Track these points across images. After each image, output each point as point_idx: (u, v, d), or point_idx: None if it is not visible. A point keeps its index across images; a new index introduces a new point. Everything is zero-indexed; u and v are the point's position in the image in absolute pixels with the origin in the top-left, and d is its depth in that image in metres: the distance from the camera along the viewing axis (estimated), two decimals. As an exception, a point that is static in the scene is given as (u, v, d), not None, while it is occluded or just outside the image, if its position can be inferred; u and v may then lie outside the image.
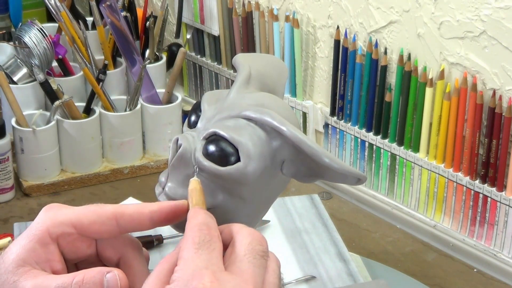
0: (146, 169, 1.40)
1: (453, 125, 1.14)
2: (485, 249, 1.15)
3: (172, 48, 1.53)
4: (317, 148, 0.64)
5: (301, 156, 0.66)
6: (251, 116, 0.65)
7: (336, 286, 1.01)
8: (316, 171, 0.66)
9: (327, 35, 1.30)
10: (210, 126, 0.65)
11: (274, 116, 0.65)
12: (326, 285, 1.01)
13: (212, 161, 0.64)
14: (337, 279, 1.02)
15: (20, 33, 1.38)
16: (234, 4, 1.41)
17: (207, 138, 0.65)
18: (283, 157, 0.66)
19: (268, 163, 0.66)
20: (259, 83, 0.71)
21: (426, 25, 1.15)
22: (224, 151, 0.64)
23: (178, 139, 0.65)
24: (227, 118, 0.66)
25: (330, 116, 1.31)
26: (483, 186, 1.13)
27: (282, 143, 0.66)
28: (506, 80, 1.08)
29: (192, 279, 0.55)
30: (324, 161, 0.64)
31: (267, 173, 0.66)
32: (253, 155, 0.64)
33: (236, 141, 0.64)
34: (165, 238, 1.07)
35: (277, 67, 0.75)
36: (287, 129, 0.65)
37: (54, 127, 1.33)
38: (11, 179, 1.30)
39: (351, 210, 1.29)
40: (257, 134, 0.65)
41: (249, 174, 0.64)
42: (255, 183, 0.65)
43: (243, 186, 0.65)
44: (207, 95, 0.70)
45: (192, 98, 1.58)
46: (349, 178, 0.66)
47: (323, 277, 1.02)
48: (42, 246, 0.60)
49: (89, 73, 1.35)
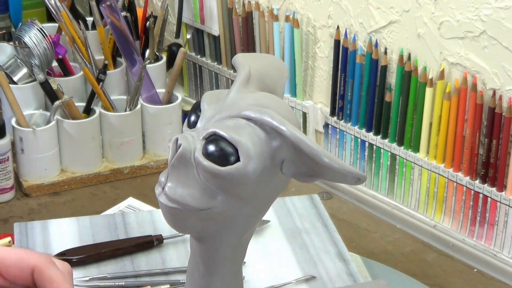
0: (146, 169, 1.40)
1: (453, 125, 1.14)
2: (485, 249, 1.15)
3: (172, 48, 1.53)
4: (317, 148, 0.64)
5: (300, 156, 0.66)
6: (250, 116, 0.65)
7: (336, 286, 1.01)
8: (316, 170, 0.66)
9: (327, 35, 1.30)
10: (209, 126, 0.65)
11: (274, 116, 0.65)
12: (326, 285, 1.01)
13: (212, 161, 0.64)
14: (337, 279, 1.02)
15: (20, 33, 1.38)
16: (234, 4, 1.41)
17: (206, 138, 0.65)
18: (283, 157, 0.66)
19: (268, 163, 0.66)
20: (259, 83, 0.71)
21: (426, 25, 1.15)
22: (224, 151, 0.64)
23: (178, 139, 0.65)
24: (226, 118, 0.66)
25: (330, 116, 1.31)
26: (483, 186, 1.13)
27: (281, 143, 0.66)
28: (506, 80, 1.08)
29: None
30: (324, 160, 0.64)
31: (266, 173, 0.66)
32: (253, 155, 0.64)
33: (236, 141, 0.64)
34: (165, 238, 1.08)
35: (277, 67, 0.75)
36: (286, 129, 0.65)
37: (54, 127, 1.33)
38: (11, 179, 1.30)
39: (351, 210, 1.29)
40: (257, 134, 0.65)
41: (249, 174, 0.64)
42: (254, 183, 0.65)
43: (242, 186, 0.65)
44: (207, 95, 0.70)
45: (192, 98, 1.58)
46: (348, 177, 0.66)
47: (323, 277, 1.02)
48: None
49: (89, 73, 1.35)
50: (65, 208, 1.29)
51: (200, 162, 0.64)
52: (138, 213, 1.16)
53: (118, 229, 1.10)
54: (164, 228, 1.09)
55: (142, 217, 1.13)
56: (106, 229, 1.10)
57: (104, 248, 1.05)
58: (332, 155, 0.66)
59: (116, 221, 1.12)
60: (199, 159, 0.64)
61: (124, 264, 1.04)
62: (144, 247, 1.07)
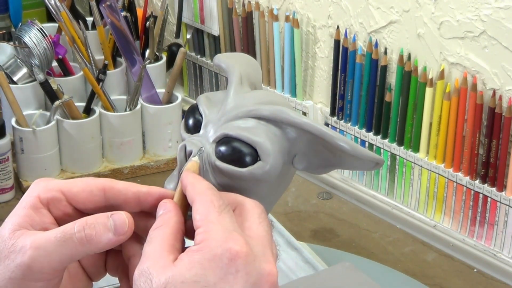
0: (146, 169, 1.40)
1: (453, 125, 1.14)
2: (485, 249, 1.15)
3: (172, 48, 1.53)
4: (338, 136, 0.64)
5: (316, 148, 0.66)
6: (264, 114, 0.65)
7: (298, 275, 1.00)
8: (331, 160, 0.66)
9: (327, 35, 1.30)
10: (219, 129, 0.65)
11: (288, 111, 0.65)
12: (289, 276, 1.00)
13: (227, 163, 0.64)
14: (296, 268, 1.01)
15: (20, 33, 1.38)
16: (234, 4, 1.41)
17: (217, 141, 0.65)
18: (296, 151, 0.66)
19: (285, 159, 0.66)
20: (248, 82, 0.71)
21: (426, 25, 1.15)
22: (240, 152, 0.64)
23: (186, 146, 0.65)
24: (234, 119, 0.66)
25: (330, 116, 1.31)
26: (483, 186, 1.13)
27: (297, 137, 0.66)
28: (506, 80, 1.08)
29: (226, 241, 0.55)
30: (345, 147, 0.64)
31: (283, 169, 0.66)
32: (272, 152, 0.64)
33: (254, 141, 0.64)
34: None
35: (253, 65, 0.75)
36: (306, 121, 0.65)
37: (54, 127, 1.33)
38: (11, 179, 1.30)
39: (351, 210, 1.29)
40: (272, 131, 0.65)
41: (270, 172, 0.64)
42: (273, 180, 0.66)
43: (263, 185, 0.65)
44: (203, 98, 0.69)
45: (192, 98, 1.58)
46: (367, 163, 0.66)
47: (282, 269, 1.01)
48: (35, 211, 0.60)
49: (89, 73, 1.35)
50: (65, 208, 1.29)
51: (217, 165, 0.64)
52: None
53: None
54: None
55: None
56: None
57: None
58: (352, 141, 0.65)
59: None
60: (215, 163, 0.64)
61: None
62: None
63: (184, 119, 0.69)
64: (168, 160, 1.41)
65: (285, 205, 1.29)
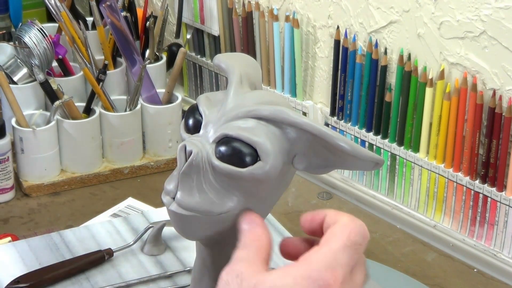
0: (146, 169, 1.40)
1: (453, 125, 1.14)
2: (485, 249, 1.15)
3: (172, 48, 1.53)
4: (339, 136, 0.64)
5: (316, 148, 0.66)
6: (264, 115, 0.65)
7: None
8: (332, 160, 0.66)
9: (327, 35, 1.30)
10: (219, 129, 0.65)
11: (288, 111, 0.65)
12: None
13: (227, 163, 0.64)
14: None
15: (20, 33, 1.38)
16: (234, 4, 1.41)
17: (217, 141, 0.65)
18: (296, 152, 0.66)
19: (285, 159, 0.66)
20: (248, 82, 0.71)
21: (426, 25, 1.15)
22: (239, 152, 0.64)
23: (186, 146, 0.65)
24: (234, 119, 0.66)
25: (330, 116, 1.31)
26: (483, 186, 1.13)
27: (297, 137, 0.66)
28: (506, 80, 1.08)
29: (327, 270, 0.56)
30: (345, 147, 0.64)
31: (283, 169, 0.66)
32: (272, 152, 0.64)
33: (254, 141, 0.64)
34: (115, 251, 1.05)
35: (253, 65, 0.75)
36: (306, 121, 0.64)
37: (54, 127, 1.33)
38: (11, 179, 1.30)
39: (351, 210, 1.29)
40: (272, 132, 0.65)
41: (270, 172, 0.64)
42: (273, 181, 0.66)
43: (263, 185, 0.65)
44: (202, 98, 0.69)
45: (192, 98, 1.58)
46: (368, 163, 0.66)
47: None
48: None
49: (89, 73, 1.35)
50: (65, 208, 1.29)
51: (217, 166, 0.64)
52: (75, 230, 1.11)
53: (60, 249, 1.06)
54: (106, 241, 1.07)
55: (80, 233, 1.10)
56: (48, 250, 1.06)
57: (58, 269, 1.01)
58: (352, 141, 0.66)
59: (55, 241, 1.08)
60: (215, 163, 0.64)
61: (81, 283, 1.01)
62: (97, 263, 1.03)
63: (184, 119, 0.69)
64: (168, 160, 1.41)
65: (285, 205, 1.29)
